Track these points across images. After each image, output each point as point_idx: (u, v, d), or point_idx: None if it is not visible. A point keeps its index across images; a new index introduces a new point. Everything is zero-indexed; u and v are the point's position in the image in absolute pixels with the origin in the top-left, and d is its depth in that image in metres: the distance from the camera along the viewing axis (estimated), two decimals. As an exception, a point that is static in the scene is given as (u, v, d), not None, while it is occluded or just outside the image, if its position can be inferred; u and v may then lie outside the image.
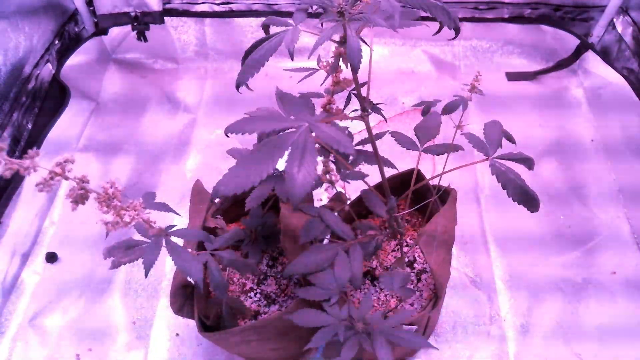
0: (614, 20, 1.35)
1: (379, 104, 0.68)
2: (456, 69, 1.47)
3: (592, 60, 1.38)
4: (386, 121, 0.74)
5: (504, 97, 1.39)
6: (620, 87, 1.26)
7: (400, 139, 0.75)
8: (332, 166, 0.68)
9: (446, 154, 0.74)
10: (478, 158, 0.66)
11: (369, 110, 0.58)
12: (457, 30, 0.54)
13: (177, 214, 0.61)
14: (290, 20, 0.53)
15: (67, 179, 0.47)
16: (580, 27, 1.42)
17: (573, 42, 1.40)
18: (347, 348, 0.62)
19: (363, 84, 0.66)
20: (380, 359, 0.61)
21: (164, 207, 0.59)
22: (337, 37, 0.52)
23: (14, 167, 0.43)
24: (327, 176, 0.67)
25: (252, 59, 0.52)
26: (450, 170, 0.69)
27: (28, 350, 0.97)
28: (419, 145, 0.75)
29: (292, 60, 0.49)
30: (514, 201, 0.63)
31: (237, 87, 0.53)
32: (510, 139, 0.71)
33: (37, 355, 0.96)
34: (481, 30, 1.45)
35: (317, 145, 0.51)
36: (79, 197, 0.49)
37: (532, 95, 1.40)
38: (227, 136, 0.49)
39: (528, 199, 0.63)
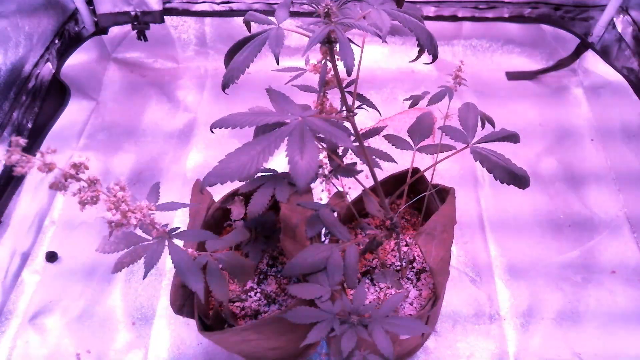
0: (614, 19, 1.35)
1: (361, 106, 0.67)
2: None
3: (592, 59, 1.38)
4: (380, 115, 0.75)
5: (504, 96, 1.39)
6: (620, 87, 1.26)
7: (394, 140, 0.75)
8: (325, 160, 0.68)
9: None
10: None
11: (354, 111, 0.58)
12: (435, 57, 0.54)
13: (185, 205, 0.59)
14: (272, 19, 0.51)
15: (79, 180, 0.47)
16: (580, 26, 1.42)
17: (573, 41, 1.40)
18: (345, 340, 0.62)
19: (348, 85, 0.66)
20: (379, 346, 0.61)
21: (171, 207, 0.58)
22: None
23: (31, 164, 0.42)
24: (321, 170, 0.67)
25: (236, 60, 0.50)
26: (438, 162, 0.70)
27: (28, 349, 0.97)
28: (412, 145, 0.75)
29: (278, 64, 0.49)
30: (502, 183, 0.60)
31: (224, 88, 0.52)
32: (490, 122, 0.70)
33: (37, 355, 0.97)
34: (481, 30, 1.45)
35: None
36: (89, 199, 0.48)
37: (532, 94, 1.40)
38: (212, 132, 0.49)
39: (516, 178, 0.61)
